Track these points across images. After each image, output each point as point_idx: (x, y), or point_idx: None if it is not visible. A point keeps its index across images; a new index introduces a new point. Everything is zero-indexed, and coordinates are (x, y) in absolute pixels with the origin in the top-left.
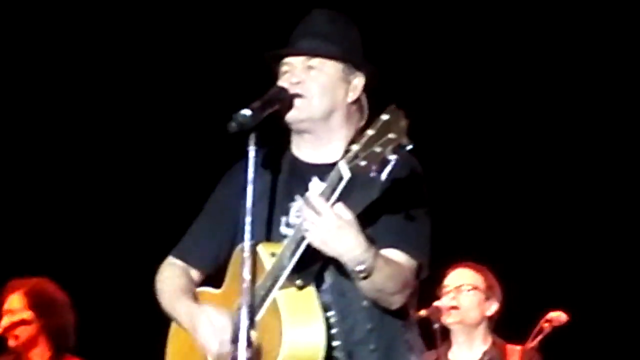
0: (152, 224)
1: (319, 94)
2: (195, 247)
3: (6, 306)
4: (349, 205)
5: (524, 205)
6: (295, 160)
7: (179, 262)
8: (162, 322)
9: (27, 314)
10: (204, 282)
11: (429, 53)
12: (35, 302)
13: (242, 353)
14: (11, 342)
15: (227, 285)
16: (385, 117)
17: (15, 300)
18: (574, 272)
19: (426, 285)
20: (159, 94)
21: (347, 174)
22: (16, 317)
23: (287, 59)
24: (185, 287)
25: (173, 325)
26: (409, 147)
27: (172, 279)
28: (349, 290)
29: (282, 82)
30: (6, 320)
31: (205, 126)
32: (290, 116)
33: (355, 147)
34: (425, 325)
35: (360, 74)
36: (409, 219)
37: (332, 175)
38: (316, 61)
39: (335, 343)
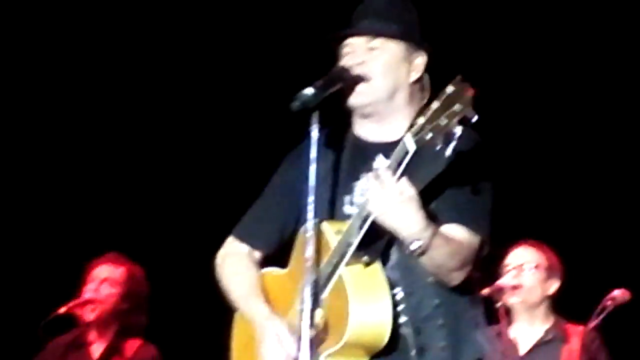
0: (214, 204)
1: (382, 74)
2: (258, 228)
3: (105, 274)
4: (414, 180)
5: (587, 183)
6: (358, 140)
7: (241, 244)
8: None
9: (121, 291)
10: (268, 261)
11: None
12: (132, 284)
13: (309, 333)
14: (88, 315)
15: (292, 265)
16: (450, 89)
17: (117, 273)
18: (636, 250)
19: (487, 264)
20: (221, 75)
21: (412, 147)
22: (112, 290)
23: (349, 40)
24: (254, 282)
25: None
26: (475, 119)
27: (238, 270)
28: (415, 267)
29: (344, 63)
30: (104, 289)
31: (269, 105)
32: (353, 97)
33: (420, 120)
34: (486, 304)
35: (422, 52)
36: (473, 193)
37: (398, 148)
38: (378, 42)
39: (402, 319)
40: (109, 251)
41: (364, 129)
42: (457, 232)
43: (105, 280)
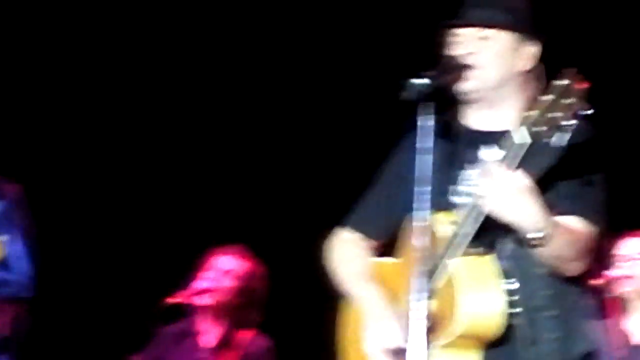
0: (325, 194)
1: (493, 64)
2: (369, 217)
3: (228, 266)
4: (527, 172)
5: None
6: (465, 129)
7: (352, 233)
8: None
9: (241, 286)
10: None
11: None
12: (253, 281)
13: (420, 326)
14: (203, 303)
15: (403, 255)
16: (563, 82)
17: (241, 268)
18: None
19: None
20: (332, 64)
21: (527, 140)
22: (233, 283)
23: (459, 30)
24: (364, 269)
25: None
26: (589, 112)
27: (349, 256)
28: (529, 257)
29: (454, 53)
30: (225, 280)
31: (378, 95)
32: (464, 86)
33: (533, 113)
34: (598, 296)
35: (534, 42)
36: (587, 185)
37: (511, 141)
38: (490, 32)
39: (515, 310)
40: (216, 242)
41: (472, 118)
42: (574, 224)
43: (228, 272)
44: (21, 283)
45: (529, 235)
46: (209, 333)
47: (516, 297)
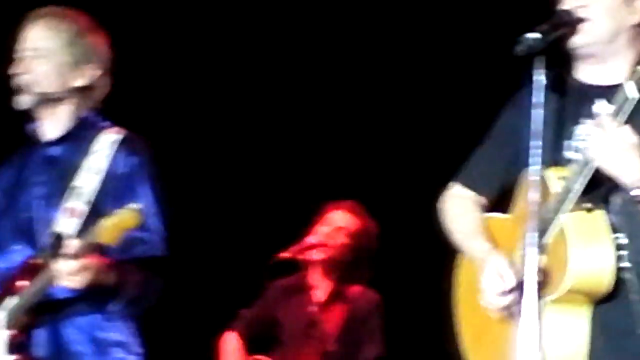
0: (437, 151)
1: (604, 16)
2: (481, 174)
3: (342, 222)
4: (635, 128)
5: None
6: (578, 83)
7: (465, 190)
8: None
9: (354, 243)
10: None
11: None
12: (365, 239)
13: (532, 281)
14: (316, 257)
15: (514, 210)
16: None
17: (355, 225)
18: None
19: None
20: (442, 18)
21: (635, 95)
22: (345, 240)
23: None
24: (478, 223)
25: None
26: None
27: (462, 211)
28: (638, 213)
29: (566, 6)
30: (338, 236)
31: (491, 50)
32: (575, 40)
33: None
34: None
35: None
36: None
37: (620, 95)
38: None
39: (624, 264)
40: (330, 197)
41: (584, 72)
42: None
43: (341, 229)
44: (155, 241)
45: (632, 193)
46: (319, 288)
47: (625, 252)
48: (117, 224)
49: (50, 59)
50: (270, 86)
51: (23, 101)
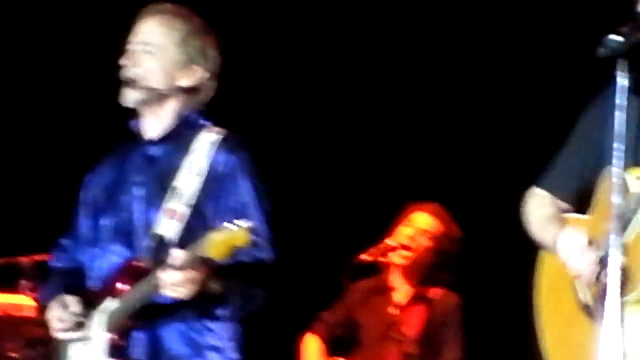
0: (520, 153)
1: None
2: (561, 178)
3: (425, 225)
4: None
5: None
6: None
7: (544, 193)
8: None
9: (436, 247)
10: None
11: None
12: (448, 243)
13: (614, 280)
14: (397, 260)
15: (594, 211)
16: None
17: (438, 229)
18: None
19: None
20: (526, 20)
21: None
22: (429, 243)
23: None
24: (552, 215)
25: (541, 253)
26: None
27: (539, 209)
28: None
29: None
30: (421, 239)
31: (572, 51)
32: None
33: None
34: None
35: None
36: None
37: None
38: None
39: None
40: (413, 199)
41: None
42: None
43: (424, 232)
44: (264, 245)
45: None
46: (399, 290)
47: None
48: (227, 240)
49: (160, 56)
50: (356, 88)
51: (130, 97)
